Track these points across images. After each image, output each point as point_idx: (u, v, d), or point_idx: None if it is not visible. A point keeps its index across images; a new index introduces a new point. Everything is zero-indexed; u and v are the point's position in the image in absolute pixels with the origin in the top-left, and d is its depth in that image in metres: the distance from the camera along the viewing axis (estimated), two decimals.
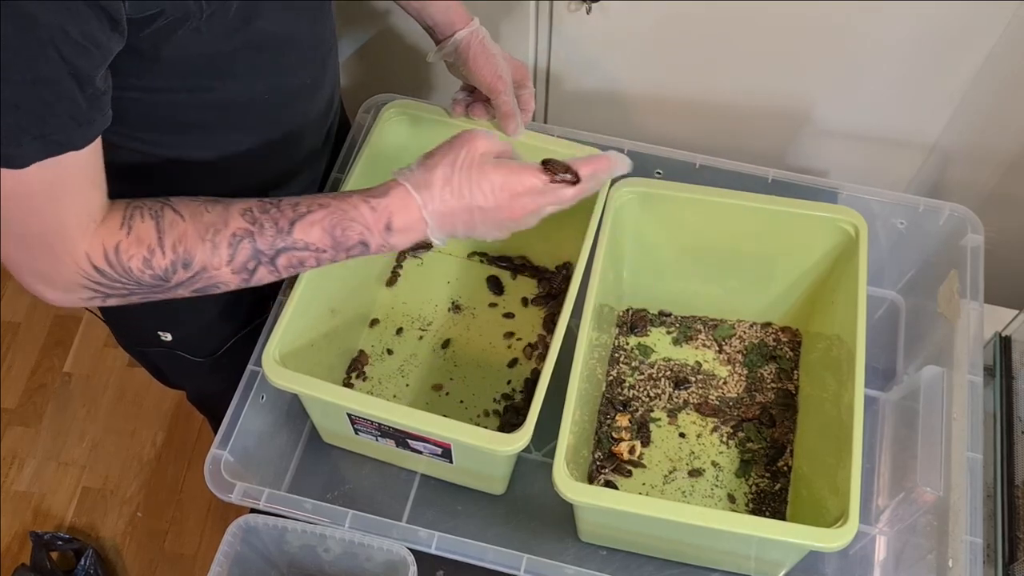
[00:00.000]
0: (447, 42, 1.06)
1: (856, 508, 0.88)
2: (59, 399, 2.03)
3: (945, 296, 1.13)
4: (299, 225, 0.81)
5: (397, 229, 0.83)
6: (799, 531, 0.88)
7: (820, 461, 1.02)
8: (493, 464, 1.01)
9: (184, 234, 0.79)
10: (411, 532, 0.95)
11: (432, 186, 0.83)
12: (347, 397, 0.95)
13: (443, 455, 0.99)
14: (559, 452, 0.91)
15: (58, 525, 1.87)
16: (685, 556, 1.03)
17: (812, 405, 1.11)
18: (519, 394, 1.15)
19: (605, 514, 0.95)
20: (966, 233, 1.12)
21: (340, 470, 1.12)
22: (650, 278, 1.20)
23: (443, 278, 1.25)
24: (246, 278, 0.82)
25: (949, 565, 0.95)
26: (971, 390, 1.03)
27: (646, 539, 1.02)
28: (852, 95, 1.25)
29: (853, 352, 0.98)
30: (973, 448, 0.99)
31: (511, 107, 1.05)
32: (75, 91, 0.70)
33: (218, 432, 1.00)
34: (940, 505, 1.00)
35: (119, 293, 0.80)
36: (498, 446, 0.90)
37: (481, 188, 0.83)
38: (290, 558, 1.05)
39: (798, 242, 1.10)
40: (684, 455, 1.11)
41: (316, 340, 1.05)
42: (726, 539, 0.94)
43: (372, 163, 1.10)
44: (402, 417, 0.92)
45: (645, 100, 1.36)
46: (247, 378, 1.03)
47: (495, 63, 1.05)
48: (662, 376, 1.17)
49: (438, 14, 1.05)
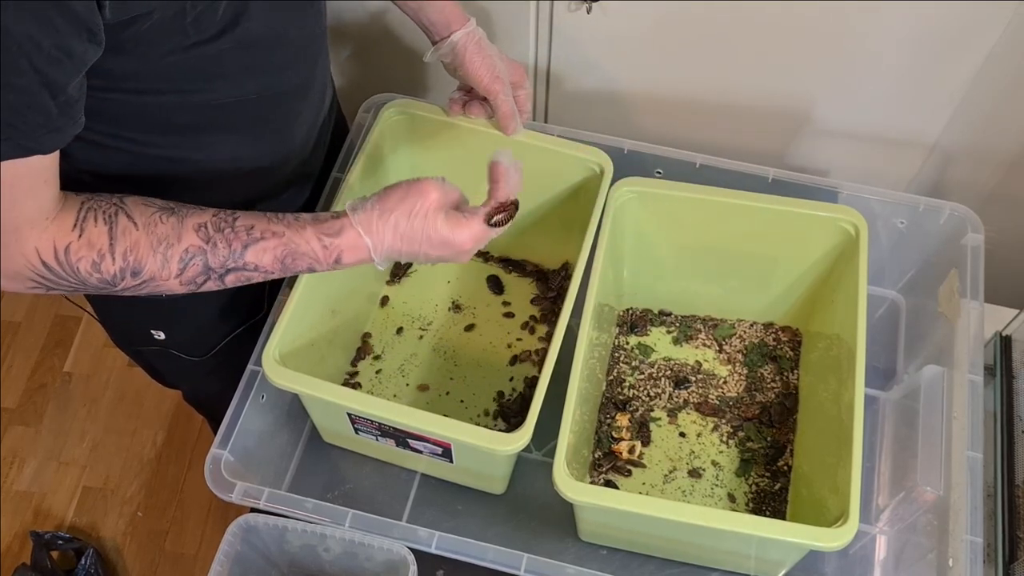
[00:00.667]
0: (443, 43, 1.05)
1: (856, 507, 0.88)
2: (59, 399, 2.03)
3: (945, 295, 1.13)
4: (251, 249, 0.84)
5: (345, 263, 0.88)
6: (800, 531, 0.88)
7: (820, 460, 1.02)
8: (493, 464, 1.01)
9: (136, 243, 0.80)
10: (411, 531, 0.95)
11: (383, 233, 0.86)
12: (348, 397, 0.95)
13: (443, 455, 0.99)
14: (559, 452, 0.91)
15: (58, 525, 1.87)
16: (685, 556, 1.03)
17: (812, 404, 1.11)
18: (519, 394, 1.14)
19: (605, 513, 0.95)
20: (966, 232, 1.12)
21: (340, 470, 1.12)
22: (650, 278, 1.20)
23: (443, 278, 1.25)
24: (192, 289, 0.85)
25: (949, 564, 0.95)
26: (971, 389, 1.03)
27: (646, 538, 1.02)
28: (852, 95, 1.25)
29: (853, 351, 0.98)
30: (973, 447, 0.99)
31: (510, 107, 1.06)
32: (47, 99, 0.70)
33: (218, 432, 1.00)
34: (940, 504, 1.00)
35: (64, 288, 0.81)
36: (498, 446, 0.90)
37: (430, 239, 0.87)
38: (290, 557, 1.05)
39: (798, 242, 1.10)
40: (684, 455, 1.11)
41: (316, 340, 1.05)
42: (727, 538, 0.94)
43: (373, 163, 1.10)
44: (402, 417, 0.92)
45: (645, 100, 1.36)
46: (247, 378, 1.03)
47: (492, 64, 1.05)
48: (662, 376, 1.17)
49: (435, 14, 1.05)
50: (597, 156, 1.09)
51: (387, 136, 1.13)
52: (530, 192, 1.15)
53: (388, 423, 0.95)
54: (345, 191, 1.06)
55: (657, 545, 1.03)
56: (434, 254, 0.89)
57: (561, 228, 1.17)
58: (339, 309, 1.10)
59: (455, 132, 1.12)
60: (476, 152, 1.13)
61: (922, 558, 1.01)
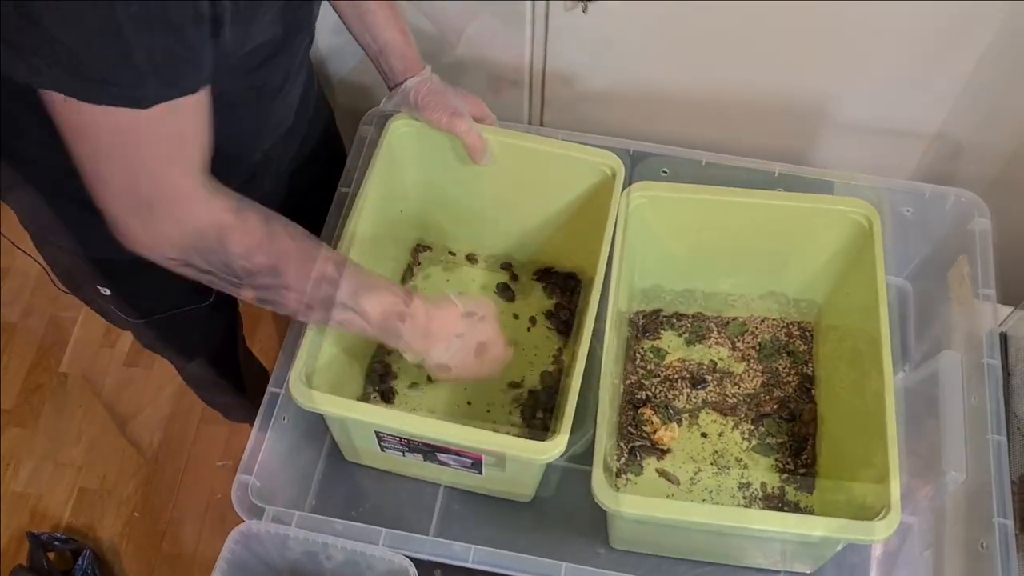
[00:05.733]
0: (397, 90, 1.08)
1: (897, 497, 0.88)
2: (56, 399, 2.00)
3: (956, 280, 1.14)
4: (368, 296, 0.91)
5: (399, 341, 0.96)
6: (846, 526, 0.88)
7: (848, 452, 1.03)
8: (527, 472, 1.00)
9: (288, 250, 0.85)
10: (446, 546, 0.94)
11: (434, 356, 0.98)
12: (380, 415, 0.94)
13: (472, 466, 0.99)
14: (596, 463, 0.90)
15: (55, 525, 1.85)
16: (717, 556, 1.03)
17: (832, 396, 1.11)
18: (538, 399, 1.14)
19: (644, 521, 0.95)
20: (973, 218, 1.13)
21: (362, 486, 1.11)
22: (661, 279, 1.20)
23: (454, 287, 1.24)
24: (301, 311, 0.89)
25: (981, 548, 0.96)
26: (990, 372, 1.04)
27: (682, 542, 1.01)
28: (853, 86, 1.25)
29: (878, 340, 0.98)
30: (997, 431, 1.00)
31: (475, 138, 1.07)
32: (195, 35, 0.72)
33: (242, 458, 0.99)
34: (965, 489, 1.01)
35: (200, 267, 0.83)
36: (534, 454, 0.89)
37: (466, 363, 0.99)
38: (292, 564, 1.04)
39: (810, 236, 1.11)
40: (708, 455, 1.11)
41: (334, 359, 1.04)
42: (767, 537, 0.94)
43: (386, 176, 1.09)
44: (435, 431, 0.92)
45: (643, 99, 1.35)
46: (267, 401, 1.02)
47: (447, 102, 1.06)
48: (678, 377, 1.17)
49: (395, 60, 1.07)
50: (608, 159, 1.08)
51: (397, 149, 1.11)
52: (540, 197, 1.16)
53: (420, 438, 0.94)
54: (362, 203, 1.05)
55: (692, 547, 1.02)
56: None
57: (572, 232, 1.17)
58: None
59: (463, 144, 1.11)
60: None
61: (950, 542, 1.02)
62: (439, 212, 1.22)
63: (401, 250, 1.25)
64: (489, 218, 1.20)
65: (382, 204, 1.10)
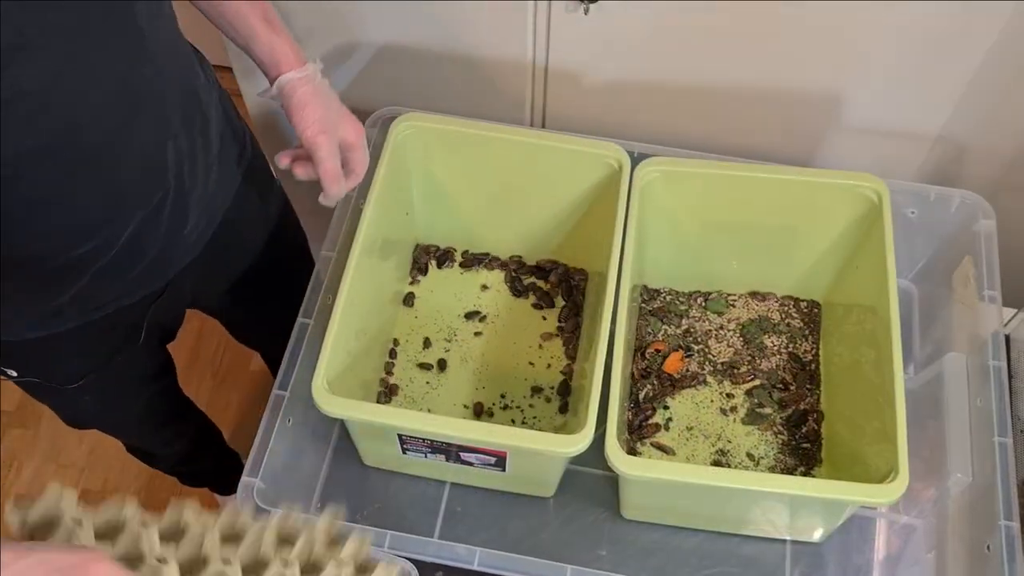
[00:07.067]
0: (272, 85, 0.96)
1: (905, 462, 0.90)
2: None
3: (960, 282, 1.14)
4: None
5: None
6: (854, 488, 0.90)
7: (855, 424, 1.04)
8: (550, 466, 1.01)
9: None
10: (449, 548, 0.95)
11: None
12: (406, 418, 0.94)
13: (495, 464, 0.99)
14: (610, 430, 0.92)
15: None
16: (726, 524, 1.05)
17: (839, 371, 1.13)
18: (552, 390, 1.15)
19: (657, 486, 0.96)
20: (977, 219, 1.13)
21: (367, 485, 1.11)
22: (671, 255, 1.20)
23: (461, 288, 1.24)
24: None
25: (986, 550, 0.96)
26: (995, 374, 1.04)
27: (691, 507, 1.03)
28: (856, 87, 1.25)
29: (887, 315, 0.99)
30: (1002, 433, 1.00)
31: (332, 167, 0.94)
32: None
33: (248, 458, 0.99)
34: (970, 491, 1.01)
35: None
36: (560, 447, 0.90)
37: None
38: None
39: (820, 210, 1.11)
40: (714, 428, 1.13)
41: (350, 364, 1.04)
42: (776, 502, 0.97)
43: (394, 177, 1.10)
44: (461, 431, 0.92)
45: (644, 100, 1.35)
46: (272, 403, 1.02)
47: (321, 116, 0.94)
48: (681, 348, 1.19)
49: (262, 53, 0.95)
50: (614, 152, 1.09)
51: (404, 149, 1.11)
52: (548, 193, 1.16)
53: (445, 439, 0.94)
54: (368, 209, 1.05)
55: (700, 514, 1.04)
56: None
57: (580, 227, 1.18)
58: (365, 329, 1.09)
59: (471, 141, 1.12)
60: (495, 158, 1.13)
61: (955, 544, 1.02)
62: (445, 212, 1.22)
63: (406, 252, 1.25)
64: (496, 216, 1.21)
65: (388, 207, 1.10)
